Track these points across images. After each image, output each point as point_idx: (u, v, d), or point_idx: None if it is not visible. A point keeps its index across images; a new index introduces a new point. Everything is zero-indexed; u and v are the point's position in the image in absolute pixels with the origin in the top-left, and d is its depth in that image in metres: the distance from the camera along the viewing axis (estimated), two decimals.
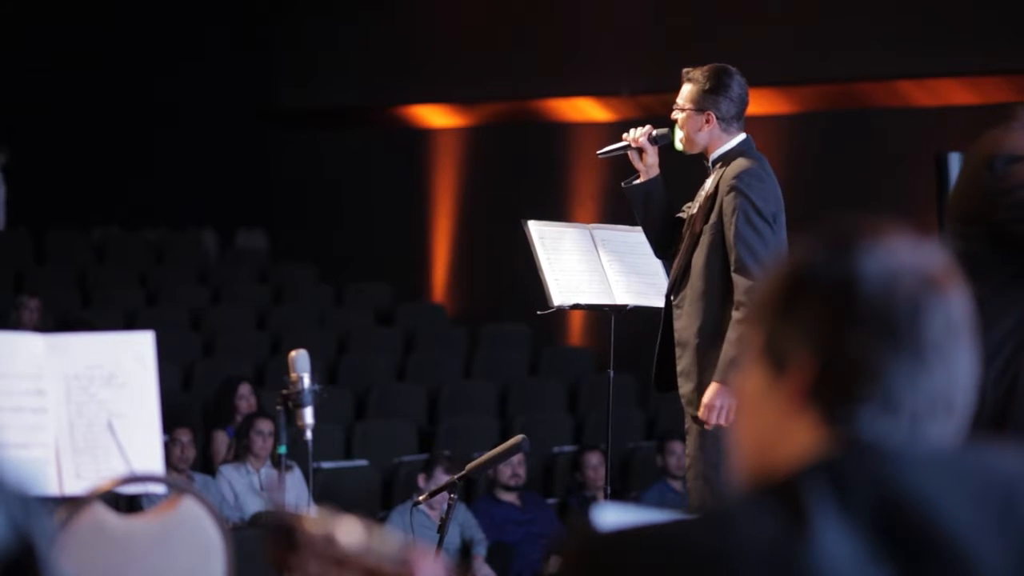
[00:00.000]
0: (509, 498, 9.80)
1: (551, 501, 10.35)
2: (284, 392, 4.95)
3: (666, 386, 6.14)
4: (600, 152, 6.43)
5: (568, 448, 10.95)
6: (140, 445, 4.12)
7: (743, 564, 1.69)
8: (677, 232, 6.19)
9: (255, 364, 11.75)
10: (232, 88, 16.29)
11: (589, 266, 6.74)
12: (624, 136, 6.27)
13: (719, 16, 12.56)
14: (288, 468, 8.84)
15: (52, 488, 4.05)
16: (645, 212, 6.25)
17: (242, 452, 9.34)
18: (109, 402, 4.12)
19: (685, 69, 6.15)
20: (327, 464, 10.11)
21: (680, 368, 6.06)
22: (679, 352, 6.06)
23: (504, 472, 9.66)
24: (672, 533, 1.73)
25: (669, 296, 6.14)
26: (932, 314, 1.78)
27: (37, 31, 16.22)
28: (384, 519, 9.36)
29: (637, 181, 6.26)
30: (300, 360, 4.95)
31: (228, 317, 13.11)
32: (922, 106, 11.58)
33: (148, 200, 16.19)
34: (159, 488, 4.53)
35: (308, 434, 4.94)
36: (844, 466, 1.74)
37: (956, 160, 6.01)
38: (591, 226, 6.96)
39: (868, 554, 1.69)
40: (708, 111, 6.05)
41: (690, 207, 6.17)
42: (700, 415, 5.91)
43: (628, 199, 6.28)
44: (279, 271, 14.85)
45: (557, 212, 12.23)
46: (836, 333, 1.78)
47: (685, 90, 6.11)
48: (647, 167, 6.24)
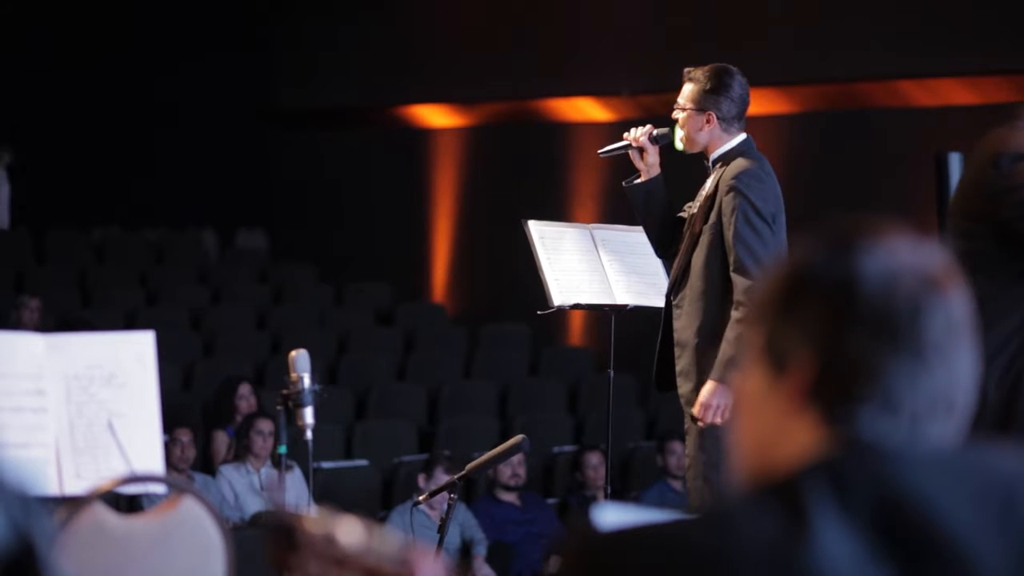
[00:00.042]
0: (509, 498, 9.80)
1: (551, 501, 10.35)
2: (284, 392, 4.95)
3: (666, 386, 6.14)
4: (601, 151, 6.43)
5: (568, 448, 10.94)
6: (140, 445, 4.12)
7: (743, 564, 1.69)
8: (678, 231, 6.19)
9: (255, 364, 11.75)
10: (232, 88, 16.28)
11: (589, 266, 6.74)
12: (625, 135, 6.28)
13: (719, 16, 12.55)
14: (288, 468, 8.84)
15: (52, 488, 4.04)
16: (646, 211, 6.25)
17: (242, 452, 9.33)
18: (109, 402, 4.12)
19: (687, 69, 6.15)
20: (327, 464, 10.10)
21: (679, 368, 6.05)
22: (678, 352, 6.06)
23: (504, 472, 9.66)
24: (672, 533, 1.73)
25: (669, 296, 6.14)
26: (932, 314, 1.78)
27: (37, 31, 16.22)
28: (384, 519, 9.36)
29: (638, 180, 6.26)
30: (300, 360, 4.95)
31: (228, 317, 13.11)
32: (922, 106, 11.58)
33: (148, 200, 16.18)
34: (159, 488, 4.53)
35: (308, 434, 4.94)
36: (844, 466, 1.73)
37: (956, 160, 6.00)
38: (591, 226, 6.96)
39: (868, 554, 1.69)
40: (709, 111, 6.05)
41: (691, 207, 6.16)
42: (695, 413, 5.90)
43: (629, 198, 6.28)
44: (279, 271, 14.84)
45: (557, 212, 12.22)
46: (836, 333, 1.78)
47: (686, 90, 6.11)
48: (648, 166, 6.24)
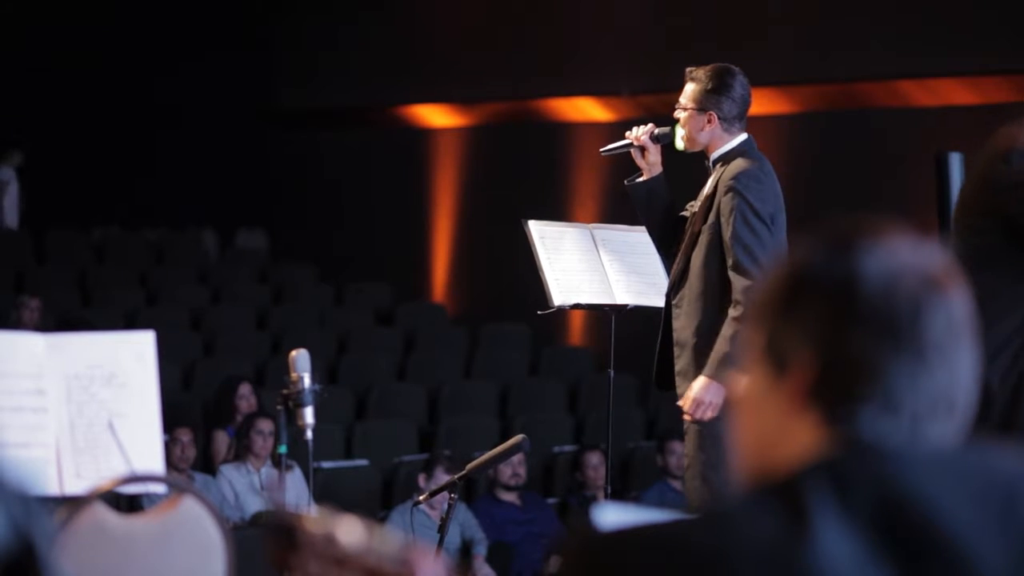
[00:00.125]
0: (509, 498, 9.80)
1: (551, 501, 10.35)
2: (284, 392, 4.95)
3: (667, 385, 6.14)
4: (603, 150, 6.44)
5: (568, 448, 10.94)
6: (140, 445, 4.12)
7: (743, 564, 1.69)
8: (680, 231, 6.18)
9: (255, 364, 11.75)
10: (232, 88, 16.28)
11: (589, 266, 6.74)
12: (627, 134, 6.28)
13: (719, 16, 12.55)
14: (288, 468, 8.84)
15: (52, 488, 4.04)
16: (648, 210, 6.25)
17: (242, 452, 9.34)
18: (109, 402, 4.12)
19: (688, 68, 6.15)
20: (327, 464, 10.10)
21: (678, 368, 6.05)
22: (677, 352, 6.06)
23: (504, 472, 9.66)
24: (672, 533, 1.73)
25: (669, 296, 6.14)
26: (933, 314, 1.78)
27: (37, 31, 16.22)
28: (384, 519, 9.36)
29: (640, 179, 6.26)
30: (300, 360, 4.95)
31: (228, 317, 13.11)
32: (922, 106, 11.58)
33: (148, 200, 16.19)
34: (159, 488, 4.53)
35: (308, 434, 4.94)
36: (845, 466, 1.73)
37: (956, 160, 5.99)
38: (591, 226, 6.96)
39: (868, 554, 1.69)
40: (710, 111, 6.05)
41: (692, 206, 6.17)
42: (685, 407, 5.90)
43: (631, 197, 6.28)
44: (279, 271, 14.85)
45: (557, 212, 12.21)
46: (837, 333, 1.78)
47: (688, 89, 6.11)
48: (649, 165, 6.25)
